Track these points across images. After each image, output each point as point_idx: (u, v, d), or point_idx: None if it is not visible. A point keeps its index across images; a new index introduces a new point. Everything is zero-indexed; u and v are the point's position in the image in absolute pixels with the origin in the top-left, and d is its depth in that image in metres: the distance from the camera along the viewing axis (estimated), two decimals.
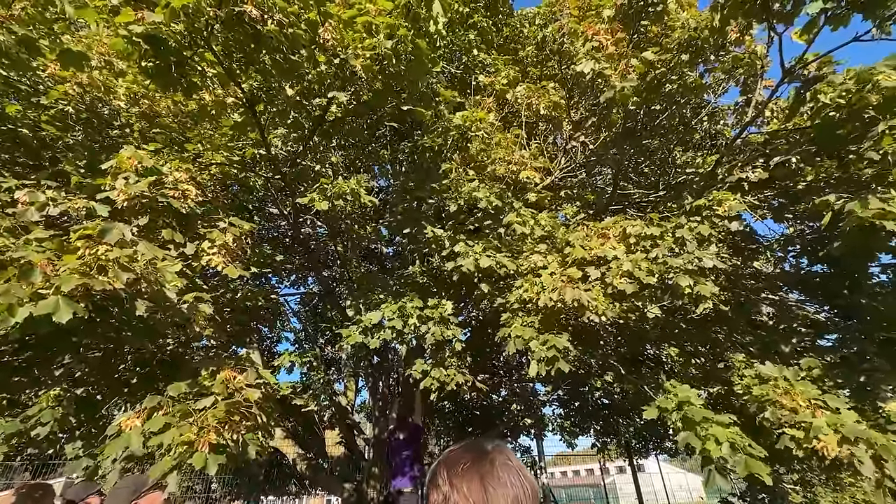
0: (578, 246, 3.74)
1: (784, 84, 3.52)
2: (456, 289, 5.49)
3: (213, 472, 2.31)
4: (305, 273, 8.47)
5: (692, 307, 3.49)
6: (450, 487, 0.71)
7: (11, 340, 3.02)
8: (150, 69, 2.99)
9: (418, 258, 6.23)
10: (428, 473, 0.80)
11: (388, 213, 8.83)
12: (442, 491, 0.72)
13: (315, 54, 3.16)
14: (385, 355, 8.41)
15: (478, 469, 0.72)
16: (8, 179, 2.78)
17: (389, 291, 4.75)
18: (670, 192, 6.41)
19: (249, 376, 2.82)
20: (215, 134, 4.54)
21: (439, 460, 0.78)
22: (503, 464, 0.73)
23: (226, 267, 3.13)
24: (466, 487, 0.69)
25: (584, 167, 6.41)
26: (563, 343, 3.54)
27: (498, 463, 0.73)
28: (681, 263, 3.29)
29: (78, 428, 3.40)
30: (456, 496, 0.69)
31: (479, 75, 5.85)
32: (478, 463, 0.73)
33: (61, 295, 2.06)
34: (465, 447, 0.79)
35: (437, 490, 0.73)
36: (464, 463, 0.73)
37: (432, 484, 0.75)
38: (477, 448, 0.78)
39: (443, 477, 0.73)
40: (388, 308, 4.13)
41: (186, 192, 3.08)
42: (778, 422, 2.95)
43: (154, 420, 2.45)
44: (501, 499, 0.68)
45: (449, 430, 10.44)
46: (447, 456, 0.78)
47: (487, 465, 0.73)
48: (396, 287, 5.08)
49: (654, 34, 4.60)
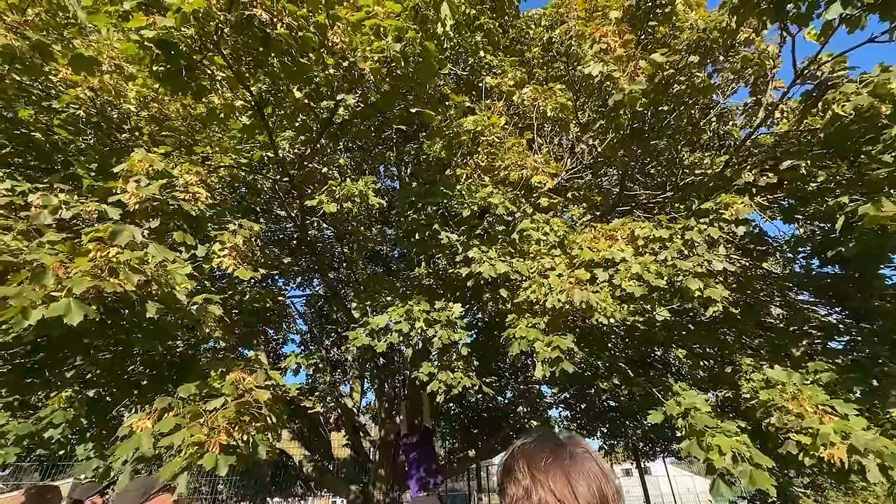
0: (586, 248, 3.72)
1: (796, 85, 3.48)
2: (461, 291, 5.48)
3: (224, 473, 2.32)
4: (311, 275, 8.50)
5: (701, 310, 3.46)
6: (531, 481, 0.71)
7: (23, 343, 3.06)
8: (161, 73, 3.02)
9: (424, 261, 6.24)
10: (500, 466, 0.79)
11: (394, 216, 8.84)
12: (522, 485, 0.71)
13: (324, 57, 3.17)
14: (391, 357, 8.41)
15: (560, 462, 0.72)
16: (21, 183, 2.80)
17: (396, 294, 4.75)
18: (677, 193, 6.37)
19: (259, 377, 2.83)
20: (224, 137, 4.57)
21: (514, 454, 0.78)
22: (583, 456, 0.74)
23: (236, 269, 3.14)
24: (551, 481, 0.69)
25: (590, 168, 6.38)
26: (568, 344, 3.53)
27: (579, 455, 0.73)
28: (690, 266, 3.27)
29: (88, 429, 3.42)
30: (541, 491, 0.69)
31: (486, 77, 5.85)
32: (559, 456, 0.73)
33: (73, 297, 2.08)
34: (540, 439, 0.79)
35: (515, 484, 0.73)
36: (545, 457, 0.73)
37: (509, 477, 0.75)
38: (553, 440, 0.78)
39: (522, 471, 0.73)
40: (395, 311, 4.13)
41: (197, 194, 3.10)
42: (784, 427, 2.91)
43: (165, 421, 2.46)
44: (586, 490, 0.69)
45: (454, 432, 10.40)
46: (523, 449, 0.77)
47: (568, 457, 0.73)
48: (403, 289, 5.08)
49: (661, 35, 4.58)
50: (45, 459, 6.81)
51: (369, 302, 4.92)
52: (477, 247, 4.12)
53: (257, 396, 2.73)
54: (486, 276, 3.93)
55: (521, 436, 0.82)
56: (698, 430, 2.94)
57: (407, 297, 4.40)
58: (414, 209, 4.97)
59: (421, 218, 4.42)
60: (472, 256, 4.07)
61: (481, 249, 4.11)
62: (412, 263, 6.84)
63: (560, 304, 3.48)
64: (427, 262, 6.55)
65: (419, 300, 4.24)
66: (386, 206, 8.67)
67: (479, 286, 4.84)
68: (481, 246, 4.14)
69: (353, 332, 4.33)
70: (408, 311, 4.07)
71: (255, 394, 2.73)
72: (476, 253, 4.07)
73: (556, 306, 3.49)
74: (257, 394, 2.74)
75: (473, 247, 4.11)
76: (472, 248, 4.10)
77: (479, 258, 4.03)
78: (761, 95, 4.88)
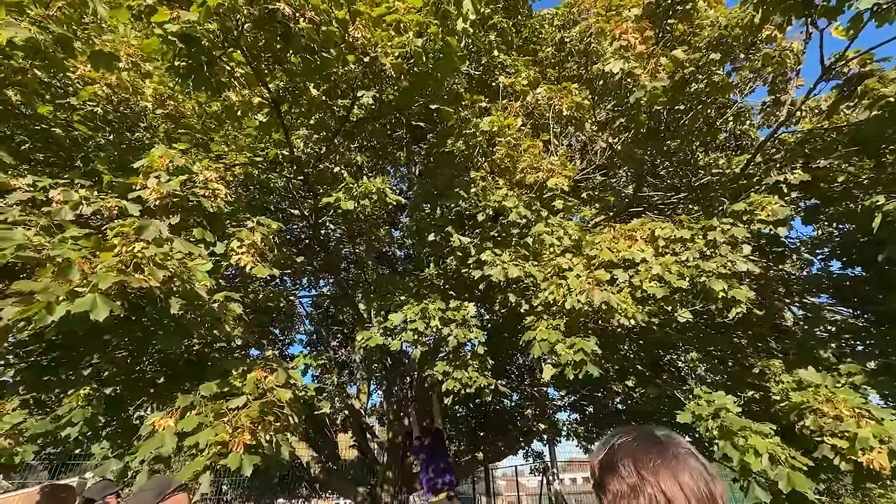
0: (605, 248, 3.67)
1: (822, 82, 3.43)
2: (472, 293, 5.44)
3: (248, 473, 2.28)
4: (319, 275, 8.48)
5: (724, 312, 3.40)
6: (639, 479, 0.72)
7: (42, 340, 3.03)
8: (182, 69, 3.00)
9: (433, 262, 6.19)
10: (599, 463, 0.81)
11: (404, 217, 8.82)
12: (627, 482, 0.73)
13: (344, 52, 3.14)
14: (400, 359, 8.37)
15: (666, 462, 0.73)
16: (42, 179, 2.78)
17: (410, 293, 4.71)
18: (692, 194, 6.31)
19: (280, 376, 2.79)
20: (239, 135, 4.56)
21: (615, 451, 0.79)
22: (688, 454, 0.75)
23: (254, 266, 3.11)
24: (660, 481, 0.71)
25: (604, 168, 6.33)
26: (592, 346, 3.47)
27: (682, 455, 0.75)
28: (714, 267, 3.21)
29: (104, 428, 3.39)
30: (650, 489, 0.70)
31: (500, 76, 5.82)
32: (665, 456, 0.74)
33: (98, 293, 2.05)
34: (641, 438, 0.80)
35: (619, 480, 0.74)
36: (652, 457, 0.75)
37: (612, 473, 0.76)
38: (654, 438, 0.79)
39: (627, 468, 0.75)
40: (410, 310, 4.09)
41: (216, 191, 3.07)
42: (819, 430, 2.84)
43: (187, 420, 2.42)
44: (696, 488, 0.70)
45: (461, 434, 10.33)
46: (625, 447, 0.79)
47: (673, 457, 0.74)
48: (416, 289, 5.04)
49: (679, 33, 4.53)
50: (54, 458, 6.79)
51: (382, 301, 4.89)
52: (490, 249, 4.08)
53: (279, 396, 2.69)
54: (496, 279, 3.89)
55: (615, 432, 0.84)
56: (733, 430, 2.88)
57: (422, 296, 4.36)
58: (428, 209, 4.94)
59: (434, 219, 4.38)
60: (485, 259, 4.03)
61: (494, 252, 4.07)
62: (421, 264, 6.80)
63: (580, 305, 3.43)
64: (437, 264, 6.51)
65: (434, 299, 4.20)
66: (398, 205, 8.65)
67: (490, 289, 4.79)
68: (494, 249, 4.10)
69: (367, 332, 4.29)
70: (423, 310, 4.03)
71: (277, 393, 2.69)
72: (489, 256, 4.03)
73: (575, 307, 3.44)
74: (279, 393, 2.70)
75: (486, 249, 4.07)
76: (485, 251, 4.07)
77: (491, 261, 3.99)
78: (781, 94, 4.82)
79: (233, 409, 2.49)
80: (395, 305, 4.39)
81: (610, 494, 0.75)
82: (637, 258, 3.57)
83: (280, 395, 2.67)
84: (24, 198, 2.63)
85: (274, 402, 2.58)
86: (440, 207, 4.27)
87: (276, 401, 2.61)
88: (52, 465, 7.71)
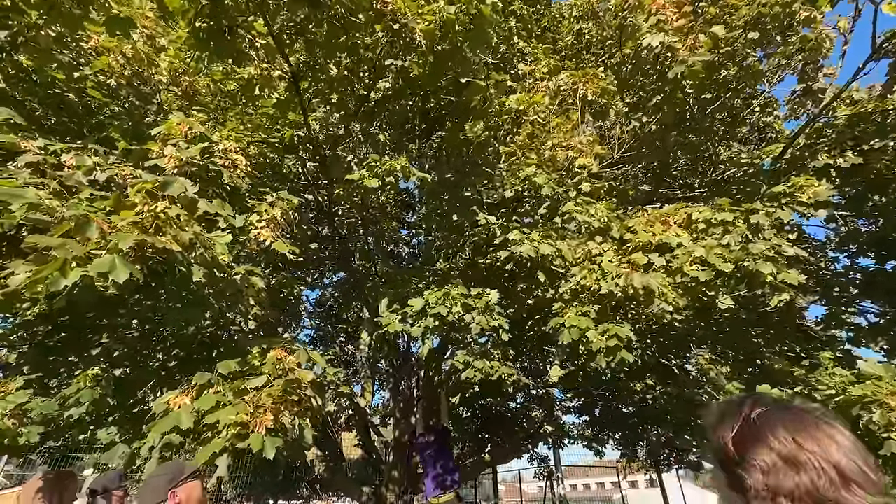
0: (641, 231, 3.51)
1: (872, 61, 3.27)
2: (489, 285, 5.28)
3: (271, 457, 2.09)
4: (328, 267, 8.32)
5: (768, 299, 3.23)
6: (797, 448, 0.68)
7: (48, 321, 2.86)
8: (204, 31, 2.85)
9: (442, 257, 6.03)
10: (737, 437, 0.74)
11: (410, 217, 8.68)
12: (782, 454, 0.68)
13: (373, 19, 2.99)
14: (407, 356, 8.20)
15: (820, 429, 0.69)
16: (54, 143, 2.62)
17: (429, 280, 4.55)
18: (711, 189, 6.16)
19: (301, 356, 2.61)
20: (255, 114, 4.41)
21: (759, 422, 0.74)
22: (832, 421, 0.71)
23: (274, 241, 2.95)
24: (818, 446, 0.67)
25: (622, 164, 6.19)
26: (626, 332, 3.30)
27: (826, 421, 0.71)
28: (761, 250, 3.04)
29: (111, 414, 3.21)
30: (816, 462, 0.65)
31: (519, 64, 5.68)
32: (817, 423, 0.71)
33: (118, 253, 1.88)
34: (777, 408, 0.75)
35: (769, 451, 0.69)
36: (806, 423, 0.71)
37: (762, 444, 0.71)
38: (790, 405, 0.75)
39: (781, 439, 0.70)
40: (432, 294, 3.92)
41: (237, 161, 2.91)
42: (886, 425, 2.65)
43: (205, 398, 2.24)
44: (854, 451, 0.67)
45: (465, 435, 10.12)
46: (768, 415, 0.74)
47: (826, 425, 0.70)
48: (432, 279, 4.88)
49: (711, 16, 4.39)
50: (55, 451, 6.60)
51: (398, 290, 4.72)
52: (518, 229, 3.93)
53: (301, 376, 2.51)
54: (526, 255, 3.73)
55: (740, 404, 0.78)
56: None
57: (444, 281, 4.19)
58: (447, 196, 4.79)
59: (457, 200, 4.22)
60: (513, 238, 3.88)
61: (522, 231, 3.92)
62: (430, 260, 6.64)
63: (617, 290, 3.25)
64: (447, 259, 6.34)
65: (457, 284, 4.03)
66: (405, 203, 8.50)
67: (513, 276, 4.60)
68: (522, 228, 3.95)
69: (387, 318, 4.12)
70: (446, 294, 3.87)
71: (299, 373, 2.51)
72: (517, 234, 3.88)
73: (612, 291, 3.26)
74: (300, 373, 2.52)
75: (514, 229, 3.92)
76: (513, 231, 3.92)
77: (520, 239, 3.84)
78: (812, 82, 4.68)
79: (253, 388, 2.32)
80: (414, 292, 4.23)
81: (759, 472, 0.69)
82: (673, 242, 3.41)
83: (302, 375, 2.49)
84: (34, 160, 2.46)
85: (297, 381, 2.40)
86: (465, 188, 4.11)
87: (298, 381, 2.43)
88: (53, 459, 7.51)
